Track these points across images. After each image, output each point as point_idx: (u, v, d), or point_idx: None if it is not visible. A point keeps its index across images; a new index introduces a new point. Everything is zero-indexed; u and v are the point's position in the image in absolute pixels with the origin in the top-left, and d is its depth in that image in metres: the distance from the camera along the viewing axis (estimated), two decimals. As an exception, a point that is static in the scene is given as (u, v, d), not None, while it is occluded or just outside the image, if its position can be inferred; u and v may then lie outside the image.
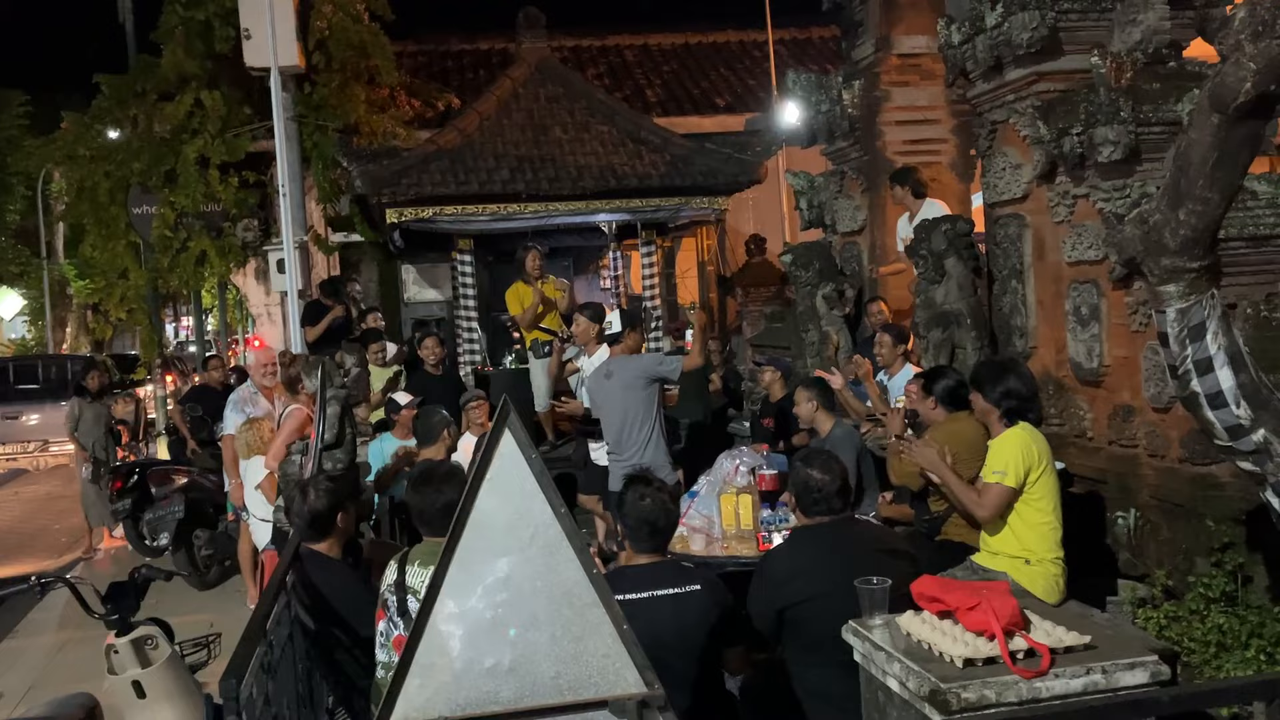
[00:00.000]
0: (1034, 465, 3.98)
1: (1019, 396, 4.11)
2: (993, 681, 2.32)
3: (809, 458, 3.56)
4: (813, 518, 3.47)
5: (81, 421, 9.73)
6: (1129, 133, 4.76)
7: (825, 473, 3.43)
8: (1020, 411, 4.11)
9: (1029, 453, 3.98)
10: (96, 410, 9.89)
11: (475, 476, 2.25)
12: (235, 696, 2.45)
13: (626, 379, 5.85)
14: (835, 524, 3.45)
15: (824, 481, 3.42)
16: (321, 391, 4.89)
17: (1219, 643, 4.03)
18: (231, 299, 20.00)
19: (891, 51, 7.47)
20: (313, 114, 11.43)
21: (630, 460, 5.61)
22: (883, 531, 4.08)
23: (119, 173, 11.75)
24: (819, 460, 3.51)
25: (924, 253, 6.01)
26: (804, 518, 3.50)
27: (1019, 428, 4.08)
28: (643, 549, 3.32)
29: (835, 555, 3.29)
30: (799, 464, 3.54)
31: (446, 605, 2.21)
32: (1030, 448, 3.99)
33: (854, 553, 3.30)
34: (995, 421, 4.17)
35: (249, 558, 6.95)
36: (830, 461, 3.51)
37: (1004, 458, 3.98)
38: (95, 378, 10.15)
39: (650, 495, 3.36)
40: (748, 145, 11.31)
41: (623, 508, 3.37)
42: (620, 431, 5.85)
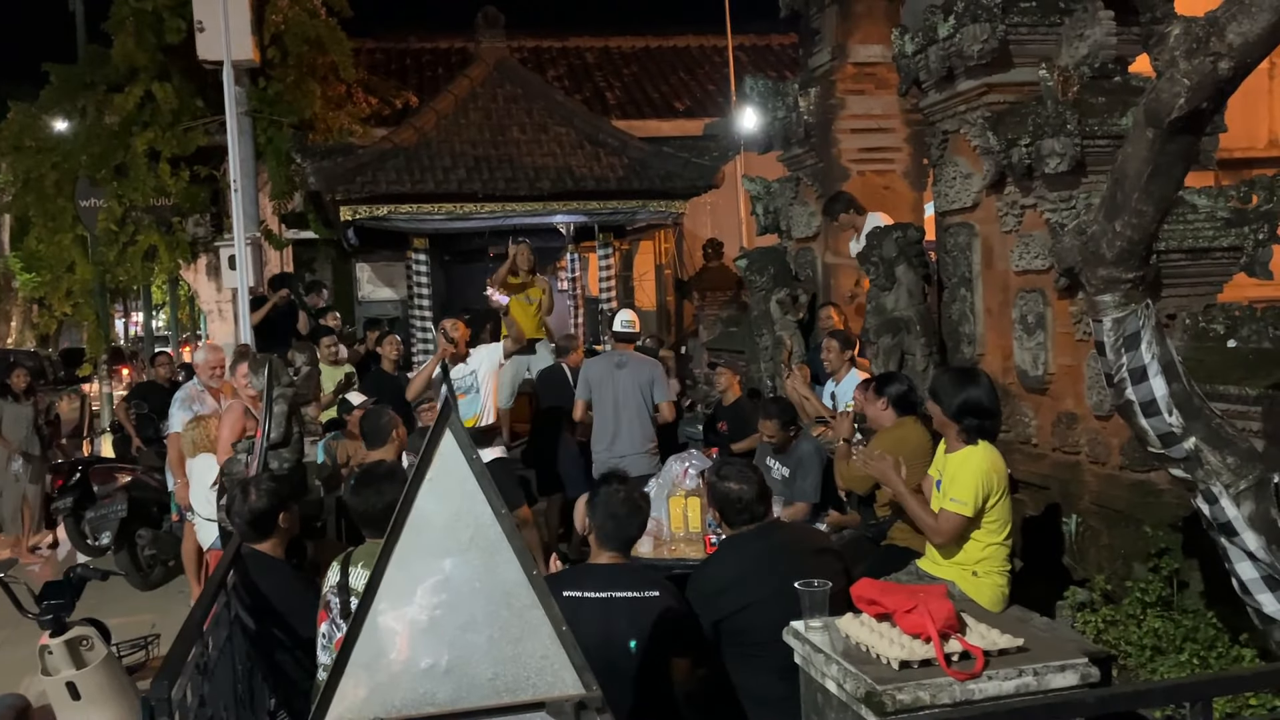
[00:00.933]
0: (993, 491, 3.85)
1: (979, 411, 3.89)
2: (927, 683, 2.35)
3: (723, 471, 3.58)
4: (738, 528, 3.50)
5: (3, 423, 9.15)
6: (1075, 145, 4.85)
7: (742, 482, 3.48)
8: (980, 428, 3.91)
9: (988, 480, 3.83)
10: (19, 411, 9.27)
11: (415, 476, 2.23)
12: (167, 698, 2.41)
13: (639, 378, 6.55)
14: (760, 530, 3.48)
15: (742, 491, 3.46)
16: (269, 390, 4.83)
17: (1154, 646, 4.10)
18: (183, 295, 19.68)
19: (847, 60, 7.54)
20: (267, 109, 11.30)
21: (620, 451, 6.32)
22: (807, 531, 4.13)
23: (66, 164, 11.53)
24: (734, 472, 3.54)
25: (875, 259, 6.08)
26: (730, 529, 3.54)
27: (982, 449, 3.89)
28: (608, 548, 3.31)
29: (765, 561, 3.32)
30: (714, 479, 3.57)
31: (384, 606, 2.19)
32: (990, 474, 3.84)
33: (784, 555, 3.34)
34: (954, 436, 3.96)
35: (193, 558, 6.84)
36: (745, 470, 3.55)
37: (964, 486, 3.81)
38: (20, 376, 9.52)
39: (623, 493, 3.35)
40: (706, 150, 11.37)
41: (594, 505, 3.36)
42: (615, 419, 6.43)
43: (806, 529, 3.61)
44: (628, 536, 3.36)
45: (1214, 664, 3.92)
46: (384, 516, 3.58)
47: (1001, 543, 3.93)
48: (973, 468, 3.84)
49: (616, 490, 3.35)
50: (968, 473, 3.85)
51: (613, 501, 3.32)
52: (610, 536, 3.32)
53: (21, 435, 9.13)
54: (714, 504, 3.56)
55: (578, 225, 11.38)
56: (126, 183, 11.20)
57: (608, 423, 6.49)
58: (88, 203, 11.68)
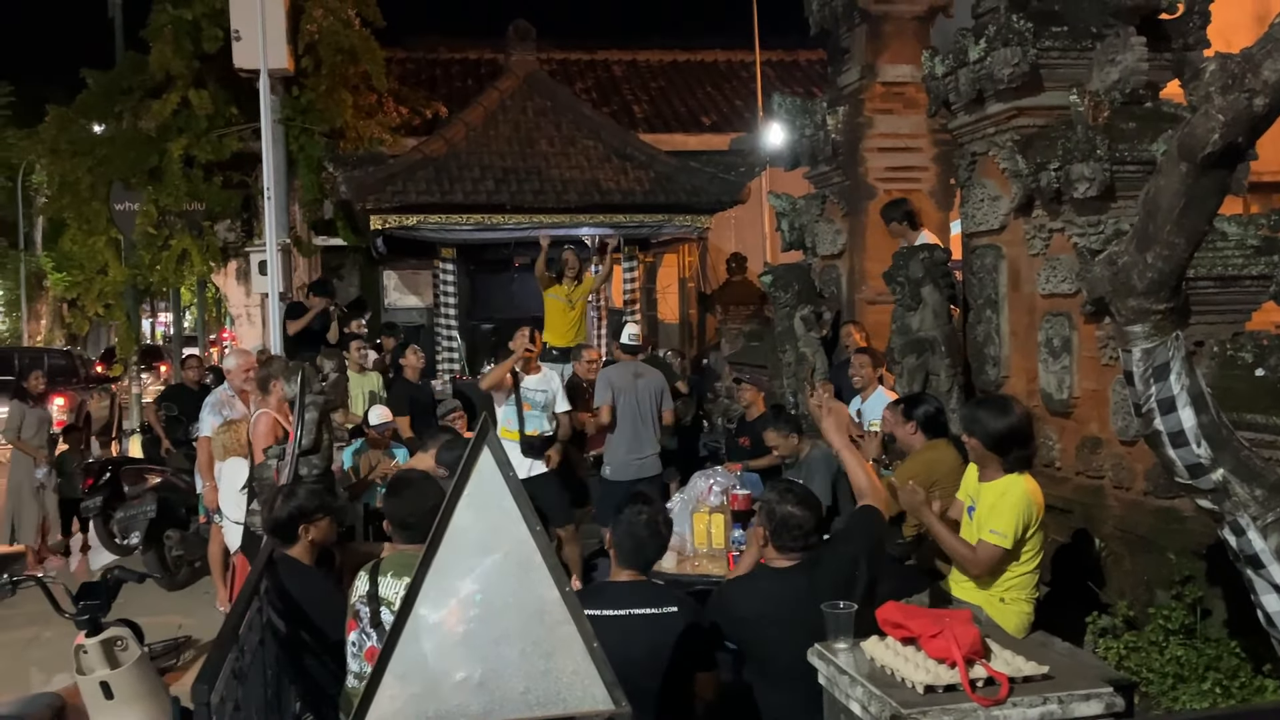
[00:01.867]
0: (1032, 522, 3.84)
1: (1023, 440, 3.87)
2: (952, 709, 2.38)
3: (787, 493, 3.44)
4: (786, 554, 3.38)
5: (24, 428, 8.86)
6: (1104, 170, 4.87)
7: (805, 509, 3.35)
8: (1023, 460, 3.89)
9: (1029, 512, 3.81)
10: (40, 415, 9.08)
11: (453, 492, 2.29)
12: (206, 702, 2.47)
13: (654, 387, 6.99)
14: (804, 565, 3.36)
15: (803, 518, 3.34)
16: (300, 397, 4.90)
17: (1177, 674, 4.10)
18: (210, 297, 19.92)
19: (876, 79, 7.58)
20: (300, 117, 11.44)
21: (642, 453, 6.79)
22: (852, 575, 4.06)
23: (102, 168, 11.71)
24: (797, 496, 3.40)
25: (901, 280, 6.10)
26: (774, 552, 3.41)
27: (1022, 481, 3.86)
28: (626, 566, 3.32)
29: (801, 602, 3.20)
30: (774, 498, 3.42)
31: (420, 618, 2.24)
32: (1030, 506, 3.83)
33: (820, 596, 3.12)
34: (995, 467, 3.93)
35: (219, 560, 6.93)
36: (809, 497, 3.42)
37: (1005, 518, 3.78)
38: (36, 379, 9.38)
39: (646, 515, 3.35)
40: (732, 165, 11.42)
41: (617, 523, 3.36)
42: (635, 426, 6.81)
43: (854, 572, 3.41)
44: (647, 559, 3.37)
45: (1236, 694, 3.91)
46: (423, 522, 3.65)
47: (1030, 571, 3.94)
48: (1014, 499, 3.81)
49: (640, 511, 3.36)
50: (1009, 504, 3.81)
51: (635, 523, 3.33)
52: (629, 556, 3.34)
53: (43, 439, 8.95)
54: (767, 523, 3.41)
55: (603, 237, 11.46)
56: (160, 187, 11.36)
57: (628, 427, 6.85)
58: (122, 206, 11.85)
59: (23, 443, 8.71)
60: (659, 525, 3.38)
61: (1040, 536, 3.95)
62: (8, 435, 8.82)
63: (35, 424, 8.91)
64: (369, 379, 8.46)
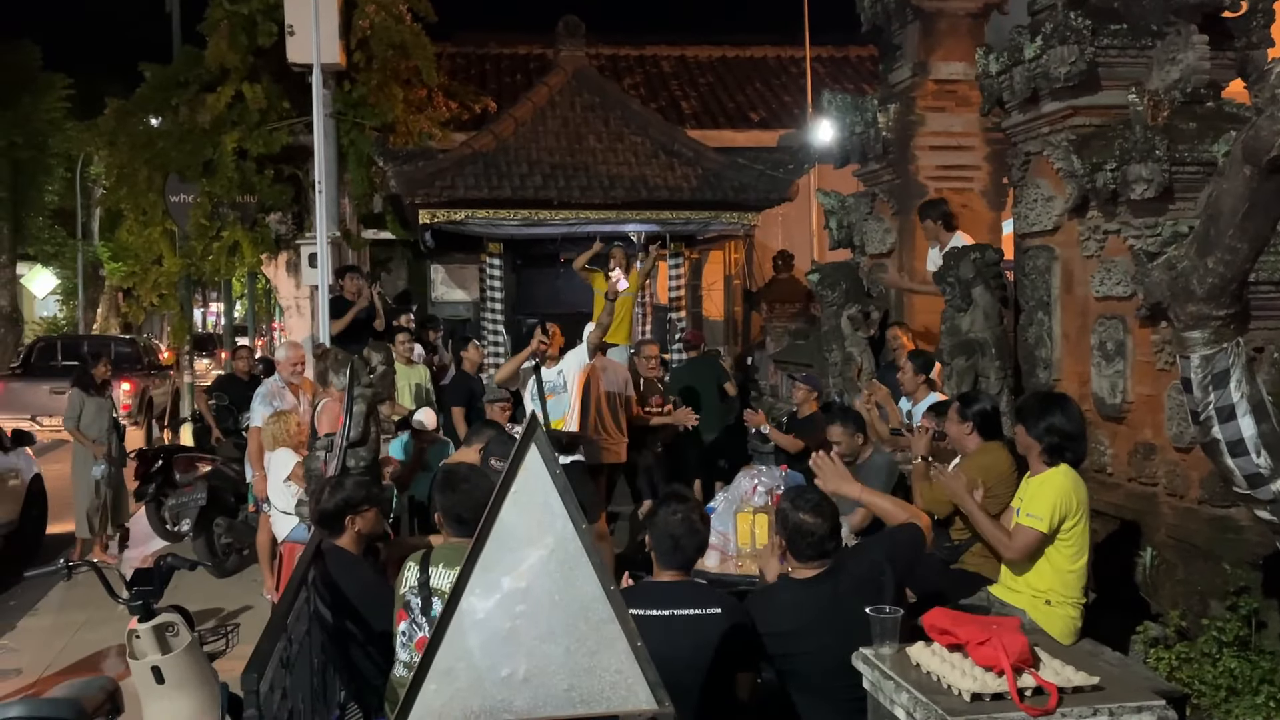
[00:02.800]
0: (1071, 513, 3.86)
1: (1064, 434, 3.93)
2: (999, 717, 2.35)
3: (797, 501, 3.41)
4: (806, 564, 3.35)
5: (83, 416, 8.60)
6: (1163, 171, 4.77)
7: (817, 515, 3.32)
8: (1063, 450, 3.95)
9: (1068, 500, 3.85)
10: (100, 404, 8.73)
11: (500, 489, 2.30)
12: (255, 690, 2.51)
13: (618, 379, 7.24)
14: (825, 574, 3.31)
15: (815, 525, 3.30)
16: (350, 389, 4.95)
17: (1230, 687, 4.02)
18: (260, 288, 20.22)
19: (928, 76, 7.49)
20: (351, 111, 11.55)
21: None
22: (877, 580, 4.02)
23: (158, 160, 11.91)
24: (809, 503, 3.37)
25: (951, 280, 6.03)
26: (795, 561, 3.38)
27: (1062, 471, 3.94)
28: (667, 565, 3.30)
29: (825, 612, 3.19)
30: (788, 506, 3.40)
31: (465, 614, 2.25)
32: (1070, 495, 3.87)
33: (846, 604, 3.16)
34: (1036, 458, 4.02)
35: (267, 549, 7.03)
36: (821, 503, 3.37)
37: (1042, 503, 3.85)
38: (104, 367, 9.05)
39: (680, 513, 3.34)
40: (780, 162, 11.34)
41: (654, 524, 3.35)
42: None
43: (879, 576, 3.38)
44: (686, 557, 3.34)
45: (1292, 708, 3.83)
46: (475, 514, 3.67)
47: (1076, 570, 3.90)
48: (1053, 487, 3.88)
49: (674, 511, 3.34)
50: (1047, 491, 3.88)
51: (671, 523, 3.31)
52: (669, 556, 3.31)
53: (102, 429, 8.61)
54: (782, 533, 3.40)
55: (649, 234, 11.45)
56: (214, 180, 11.54)
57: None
58: (177, 198, 12.05)
59: (80, 434, 8.50)
60: (695, 523, 3.36)
61: (1084, 535, 3.93)
62: (67, 424, 8.62)
63: (94, 412, 8.62)
64: (416, 372, 8.54)
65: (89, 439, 8.46)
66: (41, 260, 24.52)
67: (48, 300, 27.10)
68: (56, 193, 23.65)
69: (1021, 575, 4.01)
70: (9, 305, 22.60)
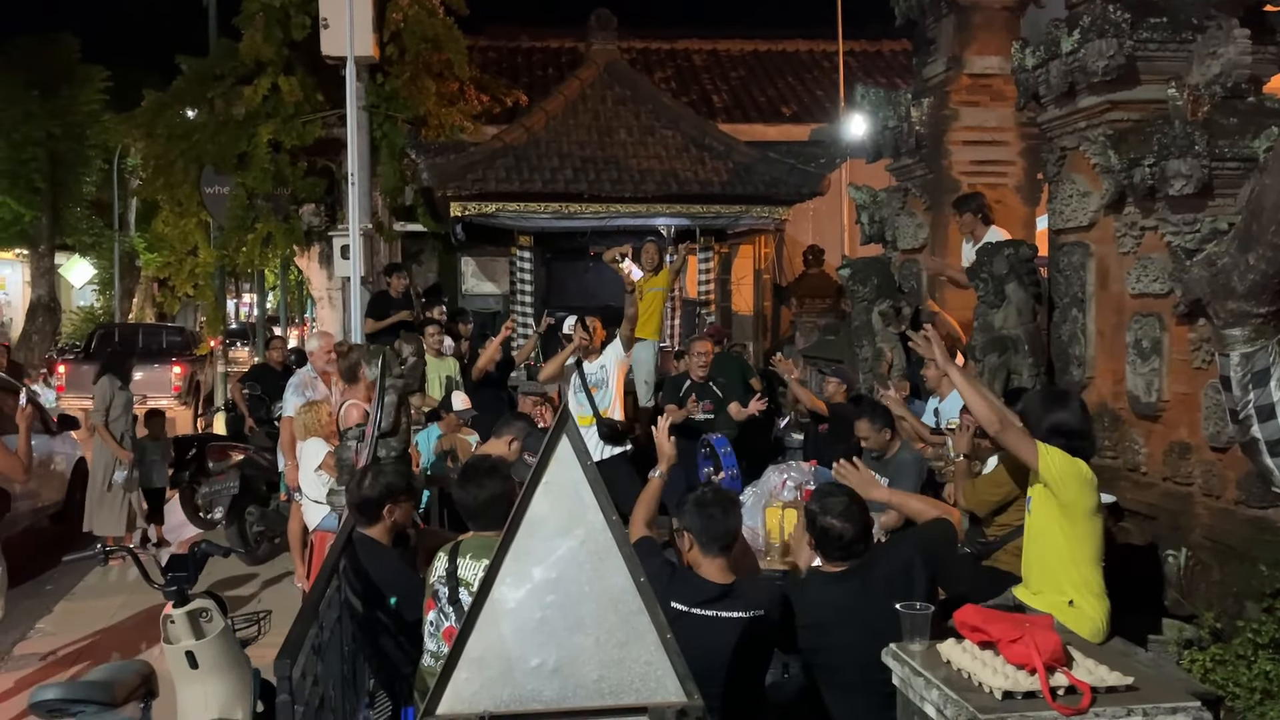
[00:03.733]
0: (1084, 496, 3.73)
1: (1068, 432, 3.81)
2: (1031, 716, 2.33)
3: (826, 503, 3.36)
4: (834, 563, 3.34)
5: (111, 409, 8.05)
6: (1202, 167, 4.70)
7: (846, 520, 3.29)
8: (1071, 450, 3.80)
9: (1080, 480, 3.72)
10: (128, 398, 8.27)
11: (531, 479, 2.31)
12: (288, 676, 2.54)
13: None
14: (853, 570, 3.31)
15: (844, 530, 3.28)
16: (381, 380, 4.99)
17: (1265, 689, 3.96)
18: (293, 279, 20.40)
19: (963, 71, 7.43)
20: (384, 104, 11.64)
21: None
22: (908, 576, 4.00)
23: (193, 152, 12.05)
24: (837, 506, 3.33)
25: (984, 276, 5.97)
26: (824, 561, 3.37)
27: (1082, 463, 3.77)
28: (711, 553, 3.24)
29: (851, 608, 3.18)
30: (815, 509, 3.37)
31: (496, 603, 2.27)
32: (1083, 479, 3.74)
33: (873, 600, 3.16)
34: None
35: (298, 537, 7.10)
36: (850, 507, 3.34)
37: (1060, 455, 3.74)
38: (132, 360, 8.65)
39: (710, 492, 3.34)
40: (811, 156, 11.30)
41: (686, 511, 3.30)
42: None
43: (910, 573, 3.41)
44: (726, 530, 3.26)
45: (1329, 713, 3.77)
46: (483, 510, 3.70)
47: (1089, 562, 3.80)
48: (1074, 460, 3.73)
49: (704, 492, 3.34)
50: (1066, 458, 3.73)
51: (703, 501, 3.29)
52: (711, 537, 3.23)
53: (127, 425, 8.16)
54: (811, 533, 3.38)
55: (679, 228, 11.44)
56: (248, 172, 11.65)
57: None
58: (212, 189, 12.18)
59: (108, 432, 8.03)
60: (725, 497, 3.34)
61: (1094, 527, 3.79)
62: (96, 417, 8.13)
63: (122, 407, 8.17)
64: (446, 364, 8.58)
65: (115, 437, 8.04)
66: (79, 250, 24.84)
67: (84, 290, 27.46)
68: (94, 184, 23.94)
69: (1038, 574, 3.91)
70: (47, 294, 22.92)
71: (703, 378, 7.16)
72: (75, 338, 24.29)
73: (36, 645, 6.34)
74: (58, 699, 3.57)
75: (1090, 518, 3.79)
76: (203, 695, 3.60)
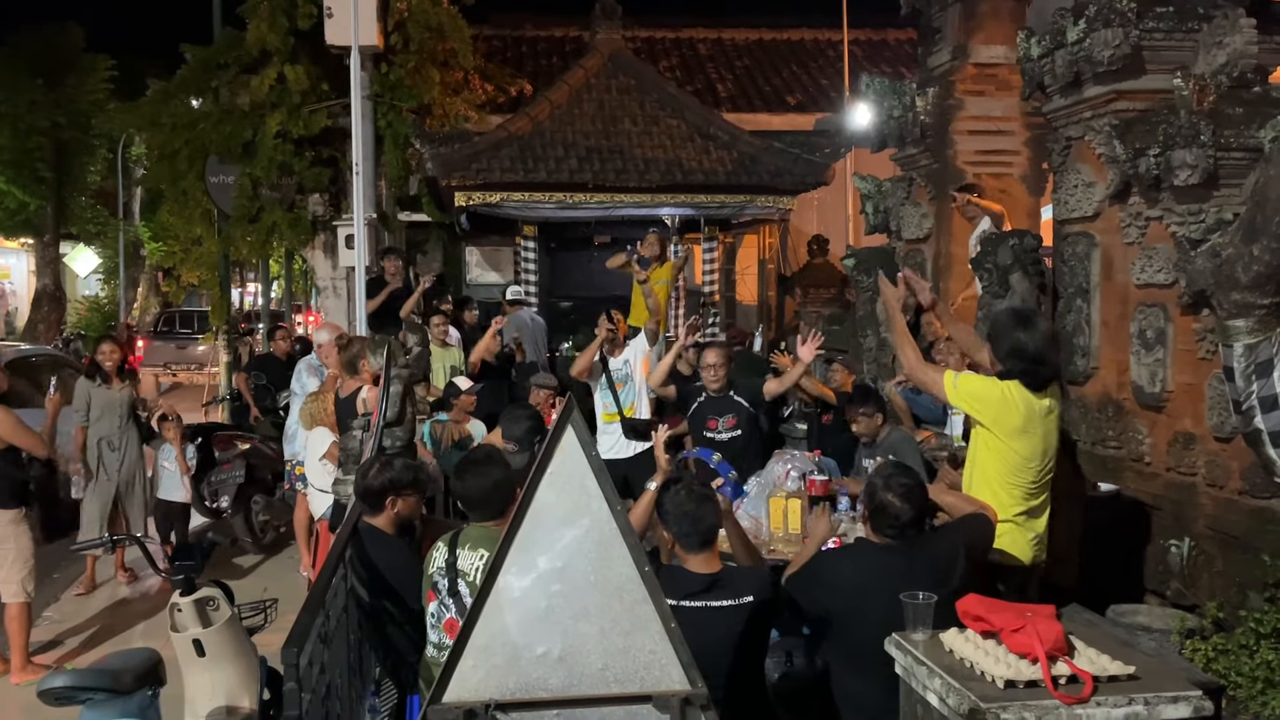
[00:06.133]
0: (1004, 408, 3.74)
1: (1024, 356, 3.79)
2: (1033, 705, 2.34)
3: (892, 480, 3.40)
4: (881, 537, 3.38)
5: (91, 410, 7.22)
6: (1208, 157, 4.69)
7: (905, 501, 3.32)
8: (1023, 373, 3.80)
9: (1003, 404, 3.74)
10: (109, 396, 7.27)
11: (537, 469, 2.32)
12: (295, 664, 2.56)
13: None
14: (903, 546, 3.34)
15: (901, 510, 3.31)
16: (386, 371, 5.01)
17: (1267, 679, 3.97)
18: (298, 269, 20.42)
19: (968, 60, 7.40)
20: (388, 94, 11.61)
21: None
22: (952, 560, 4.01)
23: (198, 141, 12.04)
24: (900, 486, 3.36)
25: (989, 266, 5.97)
26: (871, 533, 3.41)
27: (1013, 384, 3.83)
28: (692, 548, 3.28)
29: (893, 579, 3.19)
30: (878, 481, 3.39)
31: (502, 592, 2.29)
32: (1011, 406, 3.75)
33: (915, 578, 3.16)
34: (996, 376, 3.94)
35: (304, 526, 7.13)
36: (913, 489, 3.36)
37: (976, 380, 3.84)
38: (110, 351, 7.44)
39: (685, 491, 3.33)
40: (816, 146, 11.31)
41: (663, 512, 3.32)
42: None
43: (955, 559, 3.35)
44: (707, 528, 3.28)
45: (1330, 703, 3.78)
46: (480, 500, 3.72)
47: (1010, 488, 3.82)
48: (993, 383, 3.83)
49: (677, 490, 3.33)
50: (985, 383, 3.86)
51: (678, 500, 3.29)
52: (691, 536, 3.26)
53: (114, 426, 7.23)
54: (867, 502, 3.42)
55: (683, 217, 11.44)
56: (254, 161, 11.64)
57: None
58: (217, 179, 12.17)
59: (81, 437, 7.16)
60: (700, 491, 3.34)
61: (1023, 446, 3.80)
62: (77, 419, 7.20)
63: (101, 407, 7.23)
64: (450, 354, 8.60)
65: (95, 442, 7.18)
66: (84, 240, 24.88)
67: (89, 279, 27.52)
68: (99, 173, 23.97)
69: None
70: (53, 283, 22.98)
71: (718, 390, 6.15)
72: (80, 327, 24.36)
73: (43, 633, 6.39)
74: (66, 686, 3.60)
75: (1018, 436, 3.77)
76: (210, 683, 3.62)
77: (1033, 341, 3.79)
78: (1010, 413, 3.75)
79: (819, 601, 3.35)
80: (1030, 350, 3.78)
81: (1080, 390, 5.72)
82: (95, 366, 7.44)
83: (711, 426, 6.01)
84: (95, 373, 7.39)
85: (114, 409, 7.30)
